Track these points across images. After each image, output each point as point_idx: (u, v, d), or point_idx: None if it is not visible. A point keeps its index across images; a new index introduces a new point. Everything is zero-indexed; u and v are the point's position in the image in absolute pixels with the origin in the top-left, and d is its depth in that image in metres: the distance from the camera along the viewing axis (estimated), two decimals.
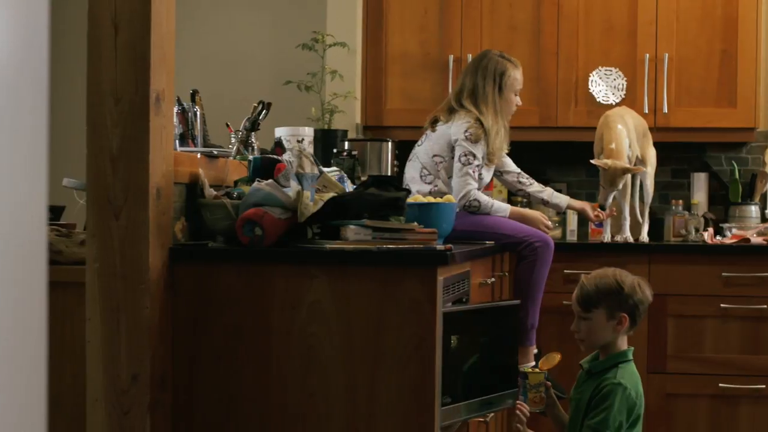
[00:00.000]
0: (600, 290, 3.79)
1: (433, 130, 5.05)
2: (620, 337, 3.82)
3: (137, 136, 3.20)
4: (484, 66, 5.02)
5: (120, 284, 3.23)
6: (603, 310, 3.78)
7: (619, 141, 5.45)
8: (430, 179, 4.98)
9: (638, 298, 3.81)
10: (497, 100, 4.99)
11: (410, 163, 5.09)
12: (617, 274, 3.85)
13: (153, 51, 3.22)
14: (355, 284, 3.28)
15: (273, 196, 3.37)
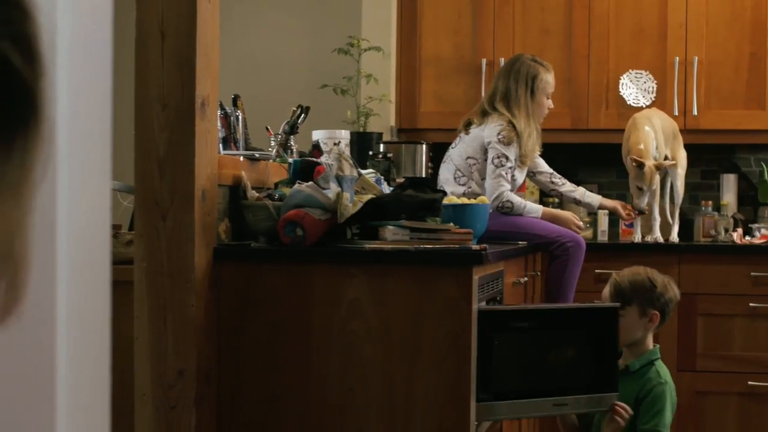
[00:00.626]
0: (633, 287, 3.86)
1: (467, 132, 5.16)
2: (648, 334, 3.90)
3: (183, 140, 3.32)
4: (516, 69, 5.12)
5: (167, 283, 3.35)
6: (635, 307, 3.84)
7: (647, 141, 5.53)
8: (463, 181, 5.09)
9: (669, 297, 3.88)
10: (529, 103, 5.09)
11: (444, 165, 5.20)
12: (649, 272, 3.93)
13: (198, 58, 3.33)
14: (393, 283, 3.38)
15: (313, 198, 3.48)
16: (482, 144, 5.08)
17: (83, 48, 1.92)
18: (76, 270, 1.85)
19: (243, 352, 3.47)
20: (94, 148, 1.96)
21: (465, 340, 3.37)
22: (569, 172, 6.27)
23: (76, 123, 1.90)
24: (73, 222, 1.85)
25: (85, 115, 1.93)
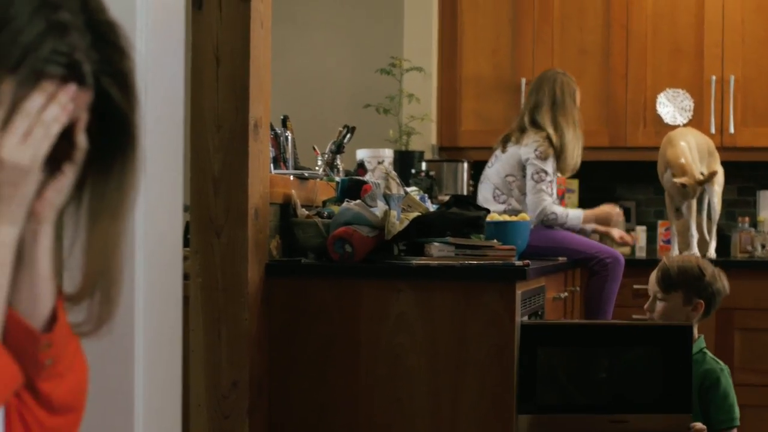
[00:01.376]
0: (682, 273, 3.86)
1: (504, 150, 5.27)
2: (693, 324, 3.89)
3: (237, 160, 3.45)
4: (560, 82, 5.25)
5: (221, 297, 3.48)
6: (681, 294, 3.86)
7: (686, 156, 5.62)
8: (503, 199, 5.20)
9: (717, 288, 3.89)
10: (575, 113, 5.23)
11: (482, 186, 5.32)
12: (700, 260, 3.95)
13: (252, 81, 3.47)
14: (439, 297, 3.50)
15: (361, 216, 3.60)
16: (520, 161, 5.19)
17: (159, 77, 2.06)
18: (151, 285, 1.99)
19: (294, 364, 3.60)
20: (169, 171, 2.10)
21: (508, 353, 3.48)
22: (607, 189, 6.38)
23: (153, 149, 2.04)
24: (149, 240, 1.99)
25: (159, 140, 2.07)
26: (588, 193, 6.38)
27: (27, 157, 1.37)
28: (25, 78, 1.37)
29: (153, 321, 1.99)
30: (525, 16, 6.33)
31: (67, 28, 1.40)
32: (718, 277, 3.92)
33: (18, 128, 1.37)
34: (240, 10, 3.45)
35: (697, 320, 3.93)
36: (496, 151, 5.32)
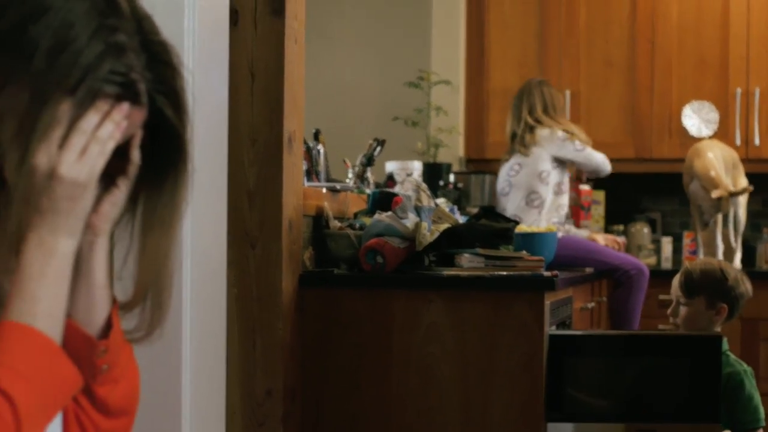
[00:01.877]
0: (704, 278, 3.89)
1: (527, 154, 5.34)
2: (715, 327, 3.92)
3: (272, 173, 3.52)
4: (547, 87, 5.40)
5: (256, 307, 3.55)
6: (704, 299, 3.89)
7: (716, 168, 5.68)
8: (538, 202, 5.26)
9: (740, 291, 3.91)
10: (560, 111, 5.39)
11: (510, 195, 5.36)
12: (722, 264, 3.97)
13: (286, 96, 3.54)
14: (469, 307, 3.56)
15: (393, 227, 3.68)
16: (551, 155, 5.28)
17: (205, 94, 2.14)
18: (197, 294, 2.07)
19: (326, 373, 3.66)
20: (214, 184, 2.18)
21: (537, 362, 3.54)
22: (633, 201, 6.44)
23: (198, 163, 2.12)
24: (195, 251, 2.07)
25: (205, 155, 2.15)
26: (614, 204, 6.44)
27: (84, 173, 1.45)
28: (83, 98, 1.45)
29: (199, 329, 2.08)
30: (551, 29, 6.40)
31: (123, 49, 1.48)
32: (740, 281, 3.94)
33: (75, 145, 1.45)
34: (274, 27, 3.53)
35: (720, 324, 3.95)
36: (515, 159, 5.38)
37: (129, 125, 1.52)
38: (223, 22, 2.31)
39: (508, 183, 5.39)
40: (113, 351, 1.57)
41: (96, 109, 1.46)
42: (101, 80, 1.45)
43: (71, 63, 1.43)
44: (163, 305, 1.62)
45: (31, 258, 1.43)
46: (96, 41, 1.45)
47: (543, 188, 5.27)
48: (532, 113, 5.36)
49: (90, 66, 1.44)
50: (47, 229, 1.44)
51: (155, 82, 1.53)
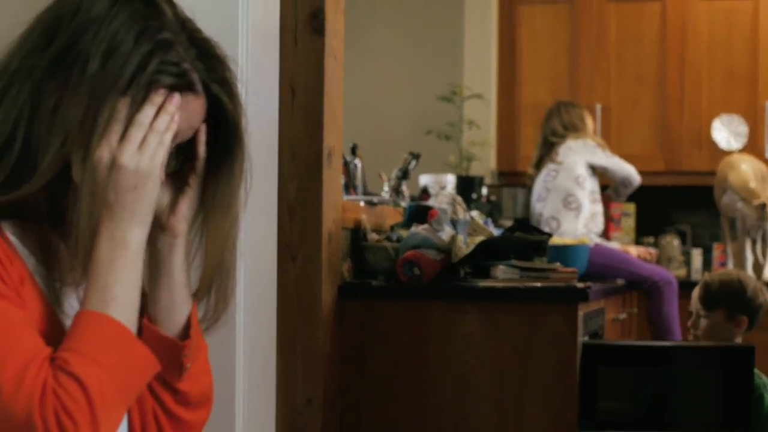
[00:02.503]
0: (723, 290, 3.93)
1: (559, 162, 5.43)
2: (736, 339, 3.97)
3: (312, 187, 3.61)
4: (566, 110, 5.50)
5: (296, 317, 3.63)
6: (723, 311, 3.94)
7: (753, 179, 5.74)
8: (575, 205, 5.35)
9: (759, 302, 3.95)
10: (584, 127, 5.48)
11: (548, 201, 5.44)
12: (741, 275, 4.01)
13: (325, 112, 3.64)
14: (504, 318, 3.64)
15: (429, 240, 3.76)
16: (586, 162, 5.38)
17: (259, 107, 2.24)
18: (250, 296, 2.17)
19: (364, 382, 3.75)
20: (266, 196, 2.29)
21: (570, 371, 3.61)
22: (663, 213, 6.51)
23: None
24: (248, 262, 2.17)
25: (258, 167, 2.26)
26: (644, 217, 6.51)
27: (144, 162, 1.54)
28: (137, 93, 1.54)
29: (251, 338, 2.18)
30: (582, 44, 6.49)
31: (171, 44, 1.57)
32: (759, 292, 3.97)
33: (134, 137, 1.54)
34: (315, 45, 3.62)
35: (740, 335, 4.00)
36: (551, 166, 5.46)
37: (192, 116, 1.60)
38: (273, 40, 2.42)
39: (545, 188, 5.47)
40: (194, 348, 1.66)
41: (151, 102, 1.55)
42: (153, 73, 1.54)
43: (121, 64, 1.53)
44: (227, 293, 1.70)
45: (103, 249, 1.52)
46: (143, 42, 1.55)
47: (580, 192, 5.36)
48: (555, 134, 5.47)
49: (140, 64, 1.54)
50: (116, 221, 1.53)
51: (208, 71, 1.62)
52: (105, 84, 1.52)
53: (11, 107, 1.52)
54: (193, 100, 1.60)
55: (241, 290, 2.17)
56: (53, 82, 1.52)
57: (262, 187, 2.32)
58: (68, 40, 1.53)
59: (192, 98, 1.59)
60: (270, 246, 2.36)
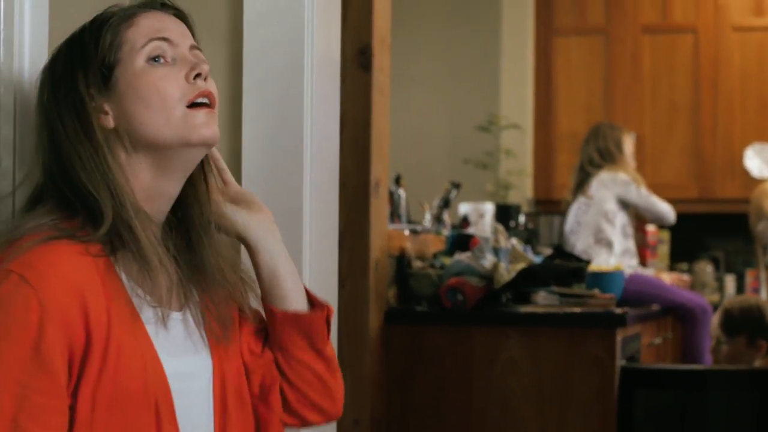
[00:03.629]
0: (743, 317, 4.02)
1: (590, 196, 5.51)
2: (754, 362, 4.05)
3: (360, 216, 3.75)
4: (603, 135, 5.55)
5: (344, 342, 3.76)
6: (744, 337, 4.04)
7: None
8: (606, 241, 5.45)
9: None
10: (620, 156, 5.52)
11: (580, 234, 5.55)
12: (760, 302, 4.10)
13: (372, 144, 3.78)
14: (545, 342, 3.77)
15: (472, 267, 3.90)
16: (616, 196, 5.44)
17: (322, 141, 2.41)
18: None
19: (410, 404, 3.87)
20: (328, 227, 2.44)
21: (609, 394, 3.73)
22: (697, 240, 6.62)
23: (316, 206, 2.39)
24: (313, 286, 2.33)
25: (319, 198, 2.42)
26: (679, 243, 6.61)
27: None
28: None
29: None
30: (617, 74, 6.62)
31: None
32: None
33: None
34: (362, 80, 3.77)
35: (760, 359, 4.08)
36: (583, 200, 5.54)
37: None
38: (335, 77, 2.58)
39: (576, 221, 5.56)
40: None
41: None
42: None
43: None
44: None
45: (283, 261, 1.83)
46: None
47: (610, 228, 5.44)
48: (592, 162, 5.54)
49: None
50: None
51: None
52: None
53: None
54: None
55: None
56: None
57: (324, 217, 2.47)
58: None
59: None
60: (331, 274, 2.51)
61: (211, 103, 1.68)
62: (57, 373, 1.52)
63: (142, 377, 1.59)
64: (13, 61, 1.88)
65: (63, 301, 1.53)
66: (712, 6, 6.61)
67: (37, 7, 1.92)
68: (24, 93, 1.88)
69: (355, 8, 3.78)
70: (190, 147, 1.67)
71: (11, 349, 1.51)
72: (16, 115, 1.87)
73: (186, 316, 1.72)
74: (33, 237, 1.57)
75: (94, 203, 1.62)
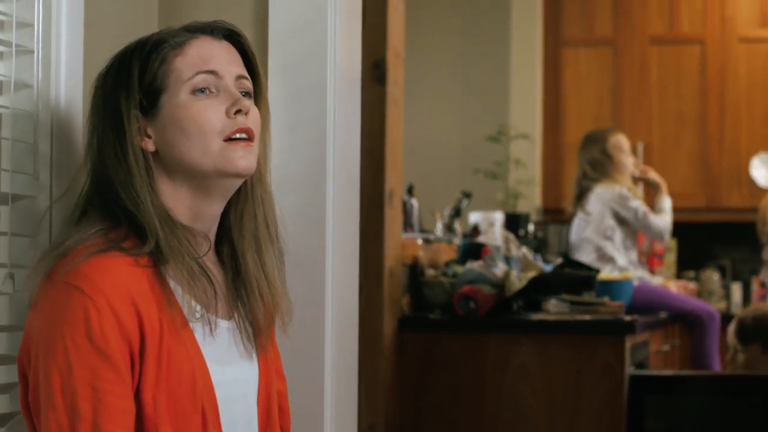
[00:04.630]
0: (757, 325, 4.08)
1: (588, 213, 5.51)
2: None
3: (374, 226, 3.82)
4: (591, 144, 5.53)
5: (360, 348, 3.84)
6: (759, 345, 4.09)
7: None
8: (609, 256, 5.49)
9: None
10: (611, 165, 5.47)
11: (581, 250, 5.55)
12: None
13: (387, 155, 3.85)
14: (556, 349, 3.84)
15: (484, 275, 3.97)
16: (612, 212, 5.43)
17: (344, 152, 2.49)
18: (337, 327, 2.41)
19: (423, 410, 3.94)
20: (350, 234, 2.53)
21: (619, 400, 3.80)
22: (704, 249, 6.69)
23: (340, 214, 2.47)
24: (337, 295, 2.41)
25: (341, 210, 2.50)
26: (686, 252, 6.67)
27: None
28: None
29: (337, 361, 2.41)
30: (625, 85, 6.70)
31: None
32: None
33: None
34: (377, 93, 3.84)
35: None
36: (579, 216, 5.53)
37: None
38: (356, 90, 2.66)
39: (578, 238, 5.55)
40: None
41: None
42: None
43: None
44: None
45: None
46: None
47: (609, 245, 5.42)
48: (586, 176, 5.52)
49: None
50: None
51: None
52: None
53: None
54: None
55: (329, 323, 2.41)
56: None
57: (345, 226, 2.56)
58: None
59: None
60: (352, 281, 2.60)
61: (249, 137, 1.74)
62: (123, 374, 1.60)
63: (191, 383, 1.65)
64: (50, 80, 1.94)
65: (118, 306, 1.60)
66: (719, 17, 6.69)
67: (73, 26, 1.98)
68: (60, 110, 1.94)
69: (369, 23, 3.85)
70: (226, 177, 1.73)
71: (79, 357, 1.58)
72: (53, 131, 1.93)
73: (233, 325, 1.78)
74: (84, 250, 1.64)
75: (136, 220, 1.69)
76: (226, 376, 1.73)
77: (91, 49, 2.02)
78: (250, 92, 1.78)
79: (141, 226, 1.68)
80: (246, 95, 1.77)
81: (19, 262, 1.86)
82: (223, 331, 1.76)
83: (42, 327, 1.62)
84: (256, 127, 1.76)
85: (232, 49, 1.79)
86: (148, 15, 2.34)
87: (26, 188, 1.90)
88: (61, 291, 1.61)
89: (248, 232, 1.81)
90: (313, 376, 2.38)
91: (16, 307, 1.84)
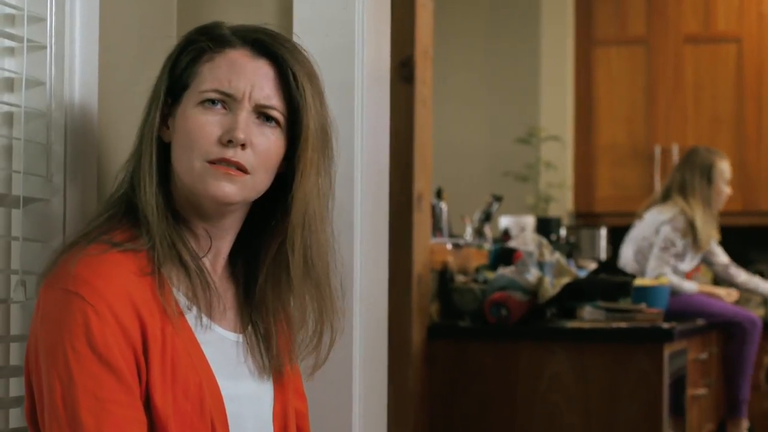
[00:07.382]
0: None
1: (641, 217, 5.45)
2: None
3: (402, 230, 3.72)
4: (692, 161, 5.41)
5: (388, 358, 3.74)
6: None
7: None
8: (639, 258, 5.39)
9: None
10: (706, 191, 5.36)
11: (626, 246, 5.50)
12: None
13: (416, 157, 3.75)
14: (591, 358, 3.72)
15: (516, 282, 3.86)
16: (657, 227, 5.37)
17: (372, 154, 2.38)
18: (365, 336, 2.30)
19: (453, 420, 3.84)
20: (379, 240, 2.41)
21: (658, 410, 3.68)
22: (741, 253, 6.53)
23: (366, 220, 2.36)
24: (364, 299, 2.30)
25: (370, 212, 2.39)
26: None
27: None
28: None
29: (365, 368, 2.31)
30: (659, 85, 6.56)
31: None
32: None
33: None
34: (405, 93, 3.73)
35: None
36: (643, 214, 5.47)
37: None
38: (385, 90, 2.55)
39: (638, 250, 5.42)
40: None
41: None
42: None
43: None
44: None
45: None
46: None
47: (647, 250, 5.34)
48: (682, 190, 5.40)
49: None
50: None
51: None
52: None
53: None
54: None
55: (357, 332, 2.30)
56: None
57: (374, 229, 2.44)
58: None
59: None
60: (382, 285, 2.48)
61: (240, 168, 1.63)
62: (128, 383, 1.53)
63: (199, 395, 1.59)
64: (64, 77, 1.87)
65: (119, 311, 1.54)
66: (756, 15, 6.54)
67: (87, 20, 1.90)
68: (75, 109, 1.87)
69: (397, 20, 3.73)
70: (200, 197, 1.64)
71: (80, 365, 1.52)
72: (67, 131, 1.86)
73: (242, 339, 1.72)
74: (85, 251, 1.58)
75: (143, 217, 1.64)
76: (235, 390, 1.67)
77: (106, 44, 1.95)
78: (276, 119, 1.66)
79: (138, 213, 1.64)
80: (270, 120, 1.66)
81: (32, 268, 1.80)
82: (229, 343, 1.70)
83: (43, 335, 1.56)
84: (256, 161, 1.64)
85: (268, 72, 1.67)
86: (167, 8, 2.24)
87: (39, 191, 1.84)
88: (61, 297, 1.55)
89: (269, 266, 1.73)
90: (341, 386, 2.28)
91: (29, 316, 1.75)
